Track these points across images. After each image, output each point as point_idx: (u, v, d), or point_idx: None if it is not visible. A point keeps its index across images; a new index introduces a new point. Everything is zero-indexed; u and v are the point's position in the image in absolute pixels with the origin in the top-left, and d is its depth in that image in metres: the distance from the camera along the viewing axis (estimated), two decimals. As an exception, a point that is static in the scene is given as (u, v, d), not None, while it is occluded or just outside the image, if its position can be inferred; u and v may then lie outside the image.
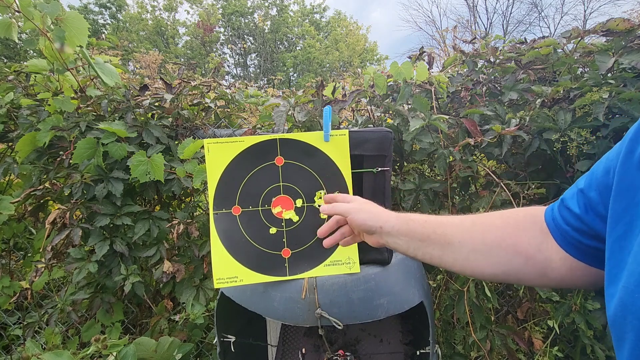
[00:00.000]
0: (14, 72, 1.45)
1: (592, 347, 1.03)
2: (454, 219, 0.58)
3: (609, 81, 1.00)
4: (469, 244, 0.54)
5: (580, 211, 0.46)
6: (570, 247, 0.48)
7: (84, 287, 1.29)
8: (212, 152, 0.75)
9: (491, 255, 0.53)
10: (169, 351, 1.20)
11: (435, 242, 0.57)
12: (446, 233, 0.56)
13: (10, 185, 1.54)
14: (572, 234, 0.47)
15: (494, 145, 1.09)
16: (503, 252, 0.52)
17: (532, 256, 0.51)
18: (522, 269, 0.52)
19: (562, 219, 0.48)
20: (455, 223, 0.57)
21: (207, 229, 1.26)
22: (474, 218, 0.57)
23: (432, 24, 17.15)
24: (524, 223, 0.53)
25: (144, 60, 4.67)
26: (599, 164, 0.45)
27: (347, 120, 1.40)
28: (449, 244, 0.56)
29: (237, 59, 19.13)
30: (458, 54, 1.37)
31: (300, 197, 0.77)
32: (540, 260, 0.50)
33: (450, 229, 0.57)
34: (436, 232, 0.57)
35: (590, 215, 0.44)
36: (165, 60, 6.71)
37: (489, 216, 0.56)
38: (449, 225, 0.57)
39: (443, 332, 1.24)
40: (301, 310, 0.72)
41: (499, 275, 0.54)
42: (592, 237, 0.45)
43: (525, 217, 0.54)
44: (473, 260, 0.55)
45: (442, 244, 0.56)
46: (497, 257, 0.53)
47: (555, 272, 0.50)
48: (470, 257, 0.55)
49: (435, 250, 0.57)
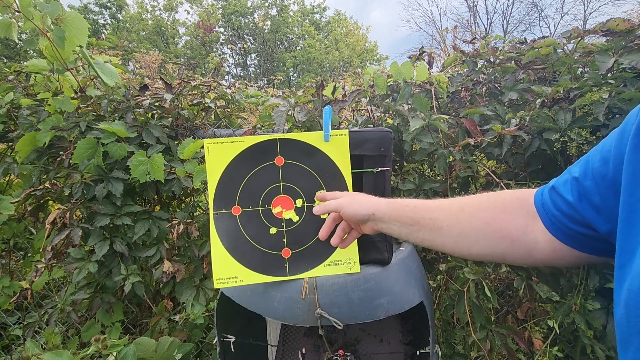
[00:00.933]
0: (14, 72, 1.45)
1: (592, 347, 1.03)
2: (443, 203, 0.60)
3: (609, 81, 1.00)
4: (457, 229, 0.57)
5: (573, 199, 0.46)
6: (557, 231, 0.49)
7: (84, 287, 1.29)
8: (212, 152, 0.75)
9: (478, 238, 0.55)
10: (169, 351, 1.20)
11: (425, 227, 0.60)
12: (435, 218, 0.59)
13: (10, 185, 1.54)
14: (562, 219, 0.48)
15: (494, 145, 1.09)
16: (489, 236, 0.55)
17: (517, 239, 0.53)
18: (508, 250, 0.54)
19: (553, 205, 0.49)
20: (445, 207, 0.59)
21: (207, 229, 1.26)
22: (463, 202, 0.59)
23: (432, 24, 17.16)
24: (510, 206, 0.54)
25: (144, 60, 4.67)
26: (594, 154, 0.45)
27: (347, 120, 1.40)
28: (439, 229, 0.59)
29: (237, 59, 19.13)
30: (458, 54, 1.37)
31: (301, 197, 0.77)
32: (526, 242, 0.52)
33: (439, 213, 0.59)
34: (425, 218, 0.60)
35: (584, 204, 0.45)
36: (165, 60, 6.71)
37: (477, 200, 0.58)
38: (438, 210, 0.59)
39: (443, 332, 1.24)
40: (301, 310, 0.72)
41: (485, 256, 0.57)
42: (583, 225, 0.46)
43: (512, 200, 0.55)
44: (461, 244, 0.57)
45: (432, 228, 0.59)
46: (483, 240, 0.55)
47: (540, 252, 0.52)
48: (458, 240, 0.57)
49: (425, 234, 0.60)
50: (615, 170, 0.40)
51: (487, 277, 1.17)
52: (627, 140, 0.38)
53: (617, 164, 0.40)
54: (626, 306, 0.34)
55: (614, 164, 0.40)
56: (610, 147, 0.42)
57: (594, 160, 0.44)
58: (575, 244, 0.48)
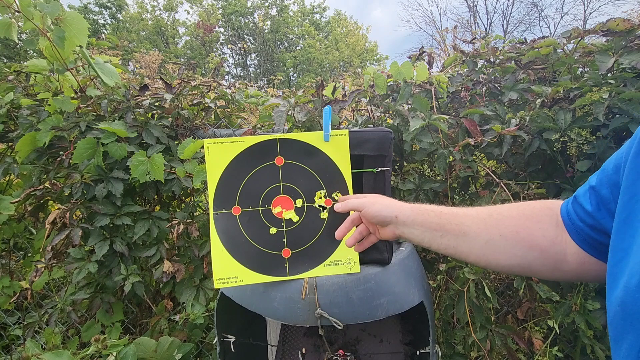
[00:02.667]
0: (14, 72, 1.45)
1: (592, 347, 1.03)
2: (469, 210, 0.58)
3: (609, 81, 1.00)
4: (485, 235, 0.54)
5: (592, 208, 0.46)
6: (583, 242, 0.48)
7: (84, 287, 1.28)
8: (212, 152, 0.75)
9: (507, 247, 0.53)
10: (169, 351, 1.20)
11: (451, 232, 0.57)
12: (462, 223, 0.56)
13: (10, 185, 1.54)
14: (586, 230, 0.47)
15: (494, 145, 1.09)
16: (518, 245, 0.52)
17: (546, 249, 0.51)
18: (537, 261, 0.52)
19: (576, 215, 0.49)
20: (471, 214, 0.57)
21: (207, 229, 1.26)
22: (491, 209, 0.56)
23: (432, 24, 17.16)
24: (539, 215, 0.53)
25: (144, 60, 4.66)
26: (609, 162, 0.45)
27: (347, 120, 1.40)
28: (465, 235, 0.55)
29: (237, 59, 19.13)
30: (458, 54, 1.37)
31: (301, 197, 0.77)
32: (554, 253, 0.51)
33: (466, 219, 0.56)
34: (451, 223, 0.57)
35: (602, 212, 0.45)
36: (165, 60, 6.71)
37: (506, 207, 0.56)
38: (465, 217, 0.57)
39: (443, 332, 1.24)
40: (301, 310, 0.72)
41: (514, 267, 0.54)
42: (603, 233, 0.45)
43: (541, 209, 0.54)
44: (488, 252, 0.54)
45: (457, 234, 0.56)
46: (512, 249, 0.53)
47: (568, 265, 0.50)
48: (486, 248, 0.54)
49: (450, 240, 0.57)
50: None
51: (487, 277, 1.17)
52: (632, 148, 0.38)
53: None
54: (622, 304, 0.34)
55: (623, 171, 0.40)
56: (622, 154, 0.41)
57: (609, 168, 0.44)
58: (600, 254, 0.47)
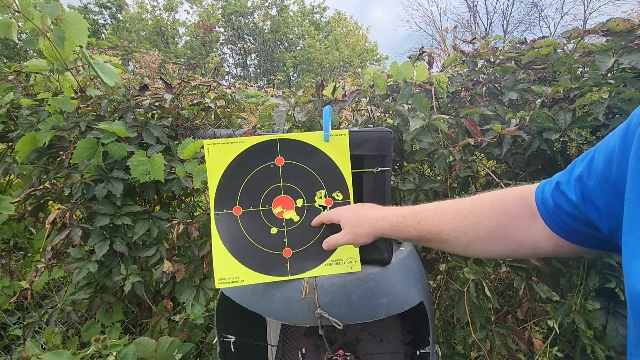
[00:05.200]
0: (14, 72, 1.45)
1: (592, 347, 1.03)
2: (446, 212, 0.61)
3: (609, 81, 1.00)
4: (464, 239, 0.58)
5: (576, 198, 0.46)
6: (559, 229, 0.50)
7: (84, 287, 1.28)
8: (212, 153, 0.75)
9: (486, 245, 0.57)
10: (169, 351, 1.20)
11: (432, 240, 0.62)
12: (441, 232, 0.60)
13: (10, 185, 1.54)
14: (564, 218, 0.48)
15: (494, 145, 1.09)
16: (497, 242, 0.56)
17: (523, 241, 0.54)
18: (515, 251, 0.56)
19: (554, 203, 0.49)
20: (448, 221, 0.60)
21: (207, 229, 1.26)
22: (466, 210, 0.59)
23: (432, 24, 17.16)
24: (514, 209, 0.55)
25: (144, 60, 4.66)
26: (598, 153, 0.44)
27: (347, 120, 1.40)
28: (445, 241, 0.61)
29: (237, 59, 19.12)
30: (458, 54, 1.37)
31: (301, 197, 0.77)
32: (530, 242, 0.54)
33: (444, 226, 0.60)
34: (431, 233, 0.61)
35: (587, 204, 0.45)
36: (165, 60, 6.71)
37: (479, 206, 0.58)
38: (442, 223, 0.60)
39: (443, 332, 1.24)
40: (301, 310, 0.72)
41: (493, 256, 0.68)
42: (585, 224, 0.46)
43: (514, 201, 0.55)
44: (470, 251, 0.60)
45: (439, 241, 0.61)
46: (491, 247, 0.57)
47: (543, 249, 0.54)
48: (467, 249, 0.60)
49: (433, 244, 0.64)
50: (619, 172, 0.39)
51: (487, 277, 1.17)
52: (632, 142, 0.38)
53: (621, 166, 0.39)
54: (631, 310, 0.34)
55: (617, 166, 0.40)
56: (614, 147, 0.41)
57: (598, 160, 0.43)
58: (577, 241, 0.49)
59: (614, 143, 0.41)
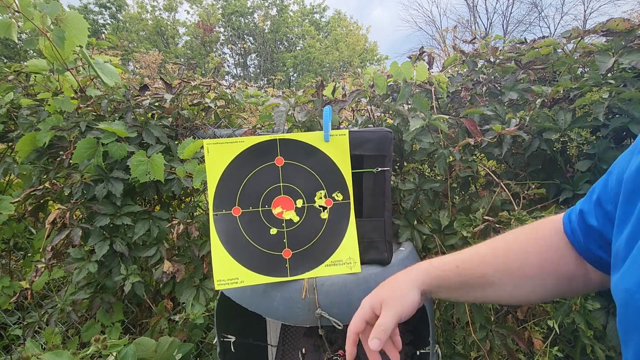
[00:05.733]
0: (14, 72, 1.45)
1: (592, 347, 1.03)
2: (485, 256, 0.56)
3: (609, 81, 1.00)
4: (510, 282, 0.53)
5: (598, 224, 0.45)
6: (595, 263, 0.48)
7: (84, 287, 1.28)
8: (212, 152, 0.75)
9: (535, 285, 0.52)
10: (169, 351, 1.20)
11: (476, 286, 0.56)
12: (484, 274, 0.55)
13: (10, 185, 1.54)
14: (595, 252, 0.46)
15: (494, 145, 1.09)
16: (546, 281, 0.52)
17: (573, 275, 0.50)
18: (568, 288, 0.52)
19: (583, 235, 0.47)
20: (489, 261, 0.55)
21: (207, 229, 1.26)
22: (506, 250, 0.54)
23: (432, 24, 17.17)
24: (556, 242, 0.51)
25: (144, 60, 4.66)
26: (612, 175, 0.43)
27: (347, 120, 1.40)
28: (491, 285, 0.55)
29: (237, 59, 19.12)
30: (458, 54, 1.37)
31: (301, 198, 0.77)
32: (581, 274, 0.50)
33: (487, 268, 0.55)
34: (474, 277, 0.55)
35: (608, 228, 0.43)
36: (165, 60, 6.71)
37: (520, 245, 0.54)
38: (483, 265, 0.55)
39: (443, 332, 1.24)
40: (301, 310, 0.72)
41: (547, 298, 0.54)
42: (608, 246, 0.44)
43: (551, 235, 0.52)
44: (518, 294, 0.54)
45: (483, 285, 0.55)
46: (542, 286, 0.52)
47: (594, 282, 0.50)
48: (514, 292, 0.54)
49: (477, 292, 0.56)
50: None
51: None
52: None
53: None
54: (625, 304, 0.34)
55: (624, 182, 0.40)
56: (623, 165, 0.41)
57: (612, 182, 0.43)
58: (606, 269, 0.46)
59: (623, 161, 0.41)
